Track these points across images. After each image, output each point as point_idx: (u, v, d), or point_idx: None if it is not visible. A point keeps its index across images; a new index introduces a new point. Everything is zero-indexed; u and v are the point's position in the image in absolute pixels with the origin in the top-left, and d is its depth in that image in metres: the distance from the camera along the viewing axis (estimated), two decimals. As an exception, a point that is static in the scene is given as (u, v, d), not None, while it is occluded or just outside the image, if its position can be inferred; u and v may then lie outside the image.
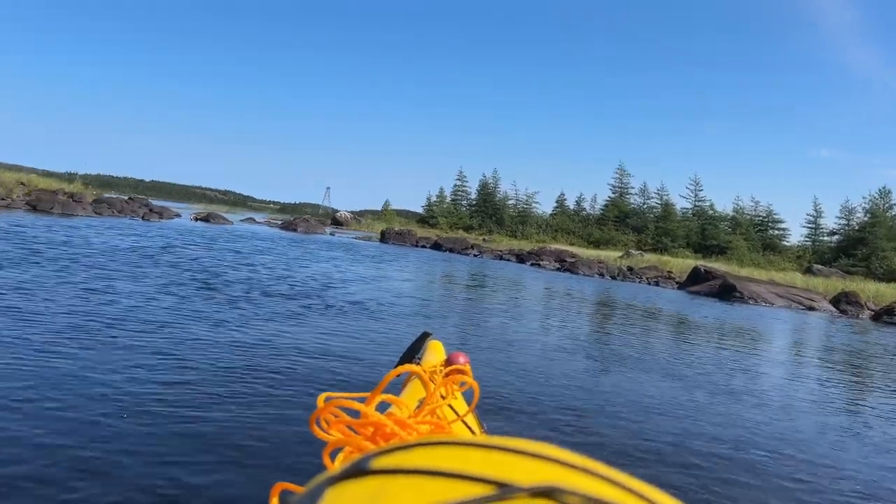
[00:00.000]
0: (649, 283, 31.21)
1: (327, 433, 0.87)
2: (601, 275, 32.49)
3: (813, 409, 6.90)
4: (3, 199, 22.60)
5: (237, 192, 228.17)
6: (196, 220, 35.42)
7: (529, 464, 0.36)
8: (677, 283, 31.15)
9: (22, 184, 26.94)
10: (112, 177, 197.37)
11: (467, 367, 1.69)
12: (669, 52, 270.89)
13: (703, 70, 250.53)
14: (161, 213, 32.44)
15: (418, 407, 1.17)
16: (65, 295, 7.69)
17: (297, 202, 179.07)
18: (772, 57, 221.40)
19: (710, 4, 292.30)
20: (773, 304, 25.44)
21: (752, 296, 25.72)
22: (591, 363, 8.02)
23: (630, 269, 34.43)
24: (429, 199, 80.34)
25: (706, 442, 5.05)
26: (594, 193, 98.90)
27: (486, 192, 79.29)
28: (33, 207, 23.15)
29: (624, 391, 6.78)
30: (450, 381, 1.49)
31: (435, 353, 2.22)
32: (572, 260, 35.21)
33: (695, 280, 29.15)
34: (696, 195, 73.64)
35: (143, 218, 28.19)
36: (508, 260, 37.04)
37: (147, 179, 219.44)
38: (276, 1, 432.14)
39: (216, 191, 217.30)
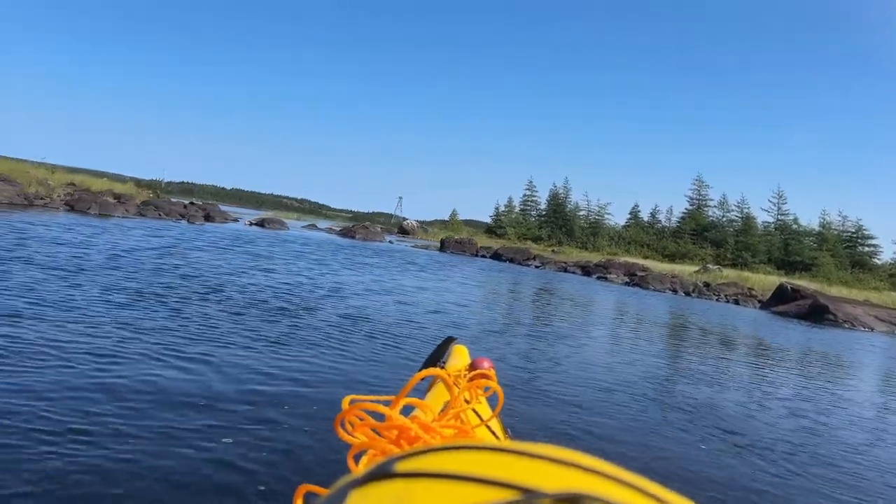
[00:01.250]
0: (728, 301, 28.07)
1: (352, 435, 0.87)
2: (674, 290, 29.48)
3: None
4: (41, 199, 21.51)
5: (313, 200, 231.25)
6: (250, 224, 34.06)
7: (554, 470, 0.35)
8: (759, 301, 27.84)
9: (72, 184, 26.04)
10: (194, 184, 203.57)
11: (492, 372, 1.71)
12: (753, 58, 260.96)
13: (789, 75, 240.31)
14: (213, 218, 31.22)
15: (442, 411, 1.12)
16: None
17: (370, 211, 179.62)
18: (862, 62, 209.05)
19: (798, 4, 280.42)
20: (872, 329, 22.08)
21: (847, 319, 22.39)
22: (639, 401, 5.67)
23: (706, 284, 31.25)
24: (497, 208, 78.06)
25: None
26: (670, 205, 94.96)
27: (557, 203, 76.43)
28: (71, 207, 22.09)
29: (676, 442, 4.69)
30: (474, 385, 1.46)
31: (459, 357, 2.11)
32: (643, 274, 32.27)
33: (780, 299, 25.84)
34: (778, 208, 69.24)
35: (188, 221, 26.84)
36: (573, 272, 34.31)
37: (228, 187, 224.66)
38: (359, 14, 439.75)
39: (293, 199, 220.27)
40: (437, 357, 2.25)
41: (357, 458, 0.84)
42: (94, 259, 10.21)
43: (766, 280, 34.78)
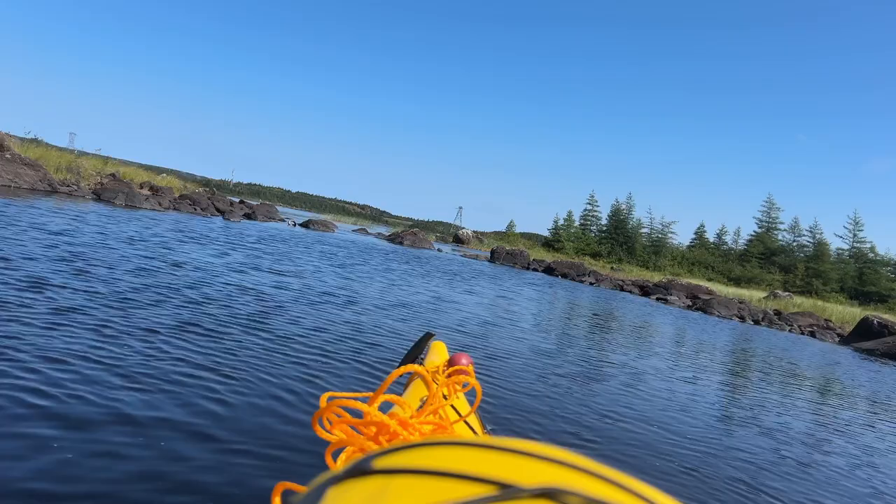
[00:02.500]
0: (802, 333, 24.97)
1: (330, 433, 0.87)
2: (741, 318, 26.52)
3: None
4: (67, 186, 20.22)
5: (375, 206, 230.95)
6: (294, 225, 32.49)
7: (531, 465, 0.35)
8: (839, 335, 24.76)
9: (112, 175, 24.90)
10: (261, 185, 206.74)
11: (470, 368, 1.68)
12: (834, 78, 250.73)
13: (870, 95, 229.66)
14: (255, 216, 29.78)
15: (421, 407, 1.15)
16: None
17: (430, 220, 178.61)
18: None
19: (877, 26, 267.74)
20: (974, 375, 18.99)
21: (945, 362, 19.34)
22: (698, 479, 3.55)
23: (777, 313, 28.22)
24: (556, 222, 75.14)
25: None
26: (738, 227, 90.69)
27: (618, 219, 73.25)
28: (98, 196, 20.74)
29: None
30: (452, 381, 1.44)
31: (438, 353, 2.12)
32: (707, 297, 29.36)
33: (863, 334, 22.67)
34: (854, 235, 64.84)
35: (224, 217, 25.34)
36: (629, 291, 31.63)
37: (294, 190, 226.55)
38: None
39: (355, 204, 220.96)
40: (416, 353, 2.29)
41: (335, 455, 0.82)
42: (54, 247, 8.50)
43: (846, 312, 31.45)
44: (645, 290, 31.89)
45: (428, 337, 2.38)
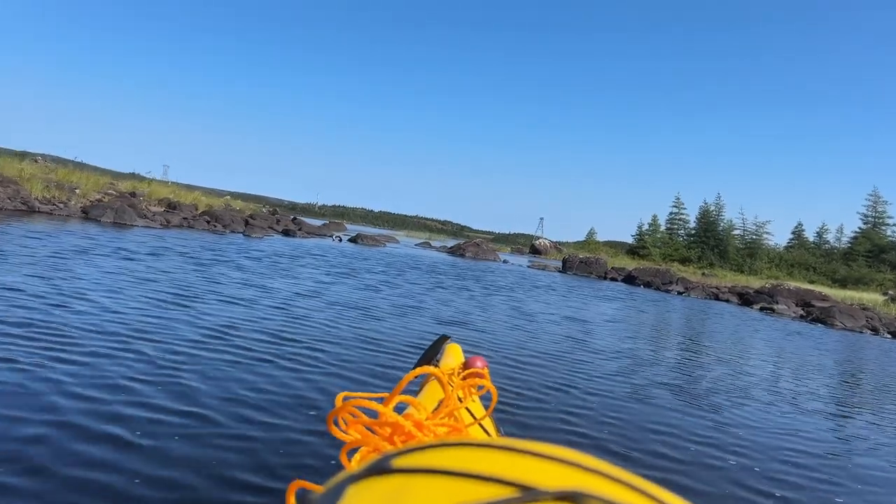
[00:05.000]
0: (959, 348, 19.39)
1: (345, 433, 0.86)
2: (873, 329, 20.87)
3: None
4: (50, 205, 17.09)
5: (456, 222, 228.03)
6: (339, 240, 28.92)
7: (552, 467, 0.34)
8: None
9: (132, 193, 22.04)
10: (345, 207, 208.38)
11: (485, 371, 1.66)
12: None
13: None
14: (293, 232, 26.38)
15: (436, 409, 1.12)
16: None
17: (511, 232, 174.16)
18: None
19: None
20: None
21: None
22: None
23: (918, 321, 22.56)
24: (640, 227, 69.26)
25: None
26: (840, 224, 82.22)
27: (707, 221, 66.79)
28: (86, 215, 17.69)
29: None
30: (468, 384, 1.41)
31: (453, 356, 2.08)
32: (823, 305, 23.77)
33: None
34: (981, 226, 56.58)
35: (246, 234, 21.97)
36: (727, 300, 26.38)
37: (376, 210, 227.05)
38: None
39: (436, 221, 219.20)
40: (431, 355, 2.19)
41: (350, 455, 0.81)
42: None
43: None
44: (745, 299, 26.54)
45: (443, 339, 2.25)
